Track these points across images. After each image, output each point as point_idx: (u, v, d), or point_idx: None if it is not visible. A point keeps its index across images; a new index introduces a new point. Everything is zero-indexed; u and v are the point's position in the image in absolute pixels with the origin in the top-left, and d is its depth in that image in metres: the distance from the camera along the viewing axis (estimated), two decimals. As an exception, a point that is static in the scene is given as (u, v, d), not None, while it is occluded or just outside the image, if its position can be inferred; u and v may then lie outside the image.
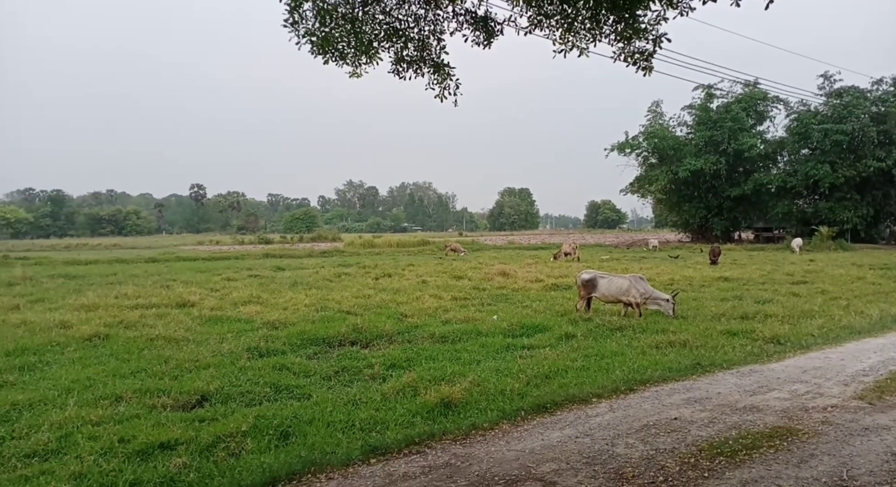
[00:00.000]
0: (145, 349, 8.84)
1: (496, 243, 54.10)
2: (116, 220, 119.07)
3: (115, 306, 13.02)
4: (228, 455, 4.87)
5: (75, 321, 10.81)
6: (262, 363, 7.94)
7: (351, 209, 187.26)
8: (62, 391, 6.66)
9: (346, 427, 5.57)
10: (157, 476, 4.45)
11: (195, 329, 10.46)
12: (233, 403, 6.35)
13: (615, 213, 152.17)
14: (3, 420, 5.70)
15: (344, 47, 5.89)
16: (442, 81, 6.30)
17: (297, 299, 13.96)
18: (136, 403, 6.21)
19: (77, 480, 4.34)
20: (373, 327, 10.16)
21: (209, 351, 8.59)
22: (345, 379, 7.40)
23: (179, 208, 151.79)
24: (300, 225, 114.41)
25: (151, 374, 7.42)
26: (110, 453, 4.87)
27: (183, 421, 5.64)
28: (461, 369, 7.64)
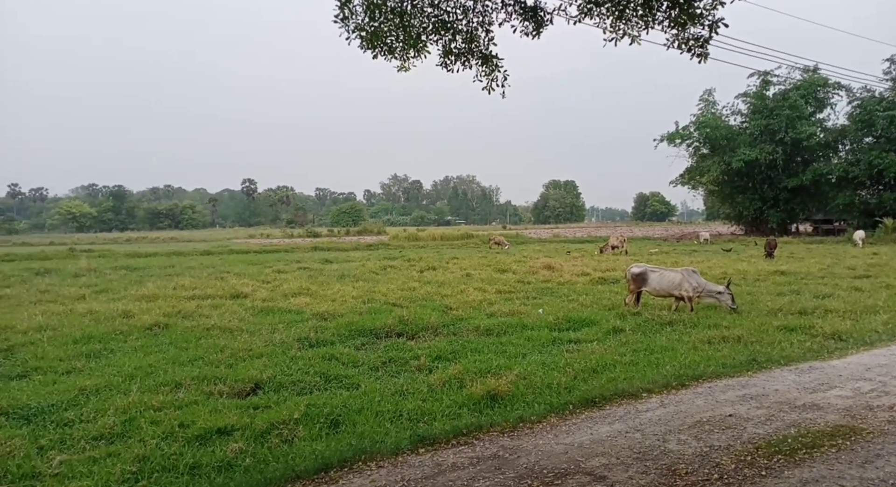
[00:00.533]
0: (202, 338, 9.18)
1: (541, 236, 53.62)
2: (173, 214, 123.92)
3: (173, 296, 13.56)
4: (282, 442, 5.03)
5: (137, 311, 11.31)
6: (313, 353, 8.14)
7: (395, 203, 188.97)
8: (126, 377, 7.00)
9: (394, 417, 5.66)
10: (214, 460, 4.64)
11: (248, 320, 10.80)
12: (285, 391, 6.53)
13: (664, 205, 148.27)
14: (73, 405, 6.03)
15: (392, 41, 5.92)
16: (490, 73, 6.25)
17: (344, 292, 14.22)
18: (194, 390, 6.46)
19: (141, 462, 4.56)
20: (418, 319, 10.25)
21: (262, 341, 8.86)
22: (392, 370, 7.51)
23: (232, 203, 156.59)
24: (346, 219, 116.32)
25: (208, 362, 7.71)
26: (171, 437, 5.10)
27: (238, 408, 5.84)
28: (507, 362, 7.64)
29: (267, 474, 4.38)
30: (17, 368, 7.47)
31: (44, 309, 11.74)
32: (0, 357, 8.04)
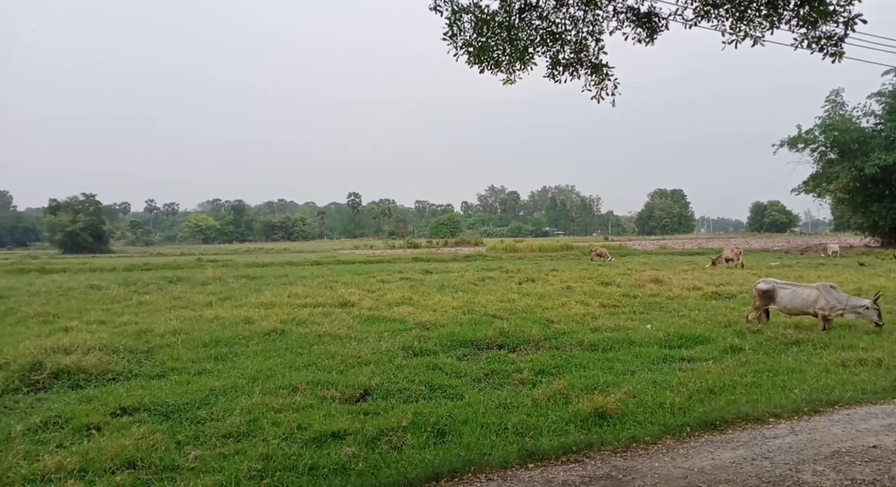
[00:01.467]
0: (315, 344, 9.67)
1: (646, 247, 51.39)
2: (286, 226, 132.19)
3: (288, 304, 14.42)
4: (391, 448, 5.18)
5: (257, 318, 12.15)
6: (417, 362, 8.32)
7: (492, 214, 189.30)
8: (249, 379, 7.52)
9: (499, 430, 5.64)
10: (330, 462, 4.86)
11: (356, 327, 11.24)
12: (392, 398, 6.72)
13: (784, 215, 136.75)
14: (204, 404, 6.57)
15: (499, 55, 5.99)
16: (600, 82, 6.13)
17: (444, 302, 14.43)
18: (309, 394, 6.82)
19: (265, 461, 4.88)
20: (519, 331, 10.17)
21: (369, 349, 9.19)
22: (495, 382, 7.49)
23: (338, 215, 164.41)
24: (444, 230, 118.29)
25: (321, 368, 8.11)
26: (290, 438, 5.41)
27: (350, 413, 6.09)
28: (614, 379, 7.37)
29: (381, 479, 4.53)
30: (156, 368, 8.25)
31: (177, 314, 12.90)
32: (142, 358, 8.90)
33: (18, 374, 7.43)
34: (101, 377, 7.64)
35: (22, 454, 4.91)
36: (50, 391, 7.16)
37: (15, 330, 11.16)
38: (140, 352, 9.13)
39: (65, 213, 77.23)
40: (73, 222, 75.42)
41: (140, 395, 6.65)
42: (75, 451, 4.97)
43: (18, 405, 6.55)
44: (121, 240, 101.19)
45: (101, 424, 5.75)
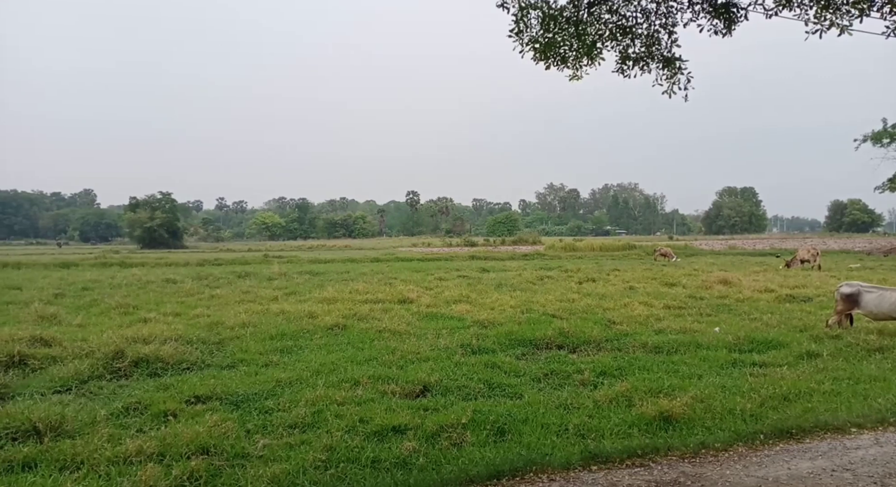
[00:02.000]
0: (375, 339, 9.85)
1: (713, 247, 49.39)
2: (347, 224, 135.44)
3: (349, 300, 14.74)
4: (451, 445, 5.20)
5: (320, 312, 12.48)
6: (475, 360, 8.33)
7: (551, 213, 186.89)
8: (313, 372, 7.74)
9: (560, 431, 5.57)
10: (391, 456, 4.94)
11: (414, 324, 11.36)
12: (451, 395, 6.76)
13: (866, 214, 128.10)
14: (271, 394, 6.81)
15: (566, 51, 5.88)
16: (672, 76, 5.90)
17: (502, 301, 14.35)
18: (370, 388, 6.95)
19: (329, 452, 5.01)
20: (579, 332, 10.00)
21: (428, 345, 9.26)
22: (554, 382, 7.40)
23: (397, 213, 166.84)
24: (502, 228, 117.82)
25: (381, 363, 8.25)
26: (353, 431, 5.53)
27: (410, 408, 6.16)
28: (680, 382, 7.13)
29: (442, 475, 4.57)
30: (226, 359, 8.62)
31: (246, 308, 13.42)
32: (214, 349, 9.31)
33: (102, 362, 7.92)
34: (177, 366, 8.05)
35: (106, 437, 5.23)
36: (130, 378, 7.59)
37: (99, 320, 11.92)
38: (212, 343, 9.55)
39: (143, 210, 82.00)
40: (150, 219, 79.98)
41: (212, 384, 6.97)
42: (154, 436, 5.25)
43: (102, 391, 6.99)
44: (193, 236, 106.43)
45: (177, 411, 6.06)
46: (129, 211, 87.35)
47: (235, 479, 4.50)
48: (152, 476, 4.32)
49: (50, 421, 5.44)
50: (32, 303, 13.54)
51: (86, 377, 7.40)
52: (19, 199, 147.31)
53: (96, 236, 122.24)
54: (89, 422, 5.68)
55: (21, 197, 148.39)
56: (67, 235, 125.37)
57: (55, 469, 4.64)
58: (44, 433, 5.29)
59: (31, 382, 7.24)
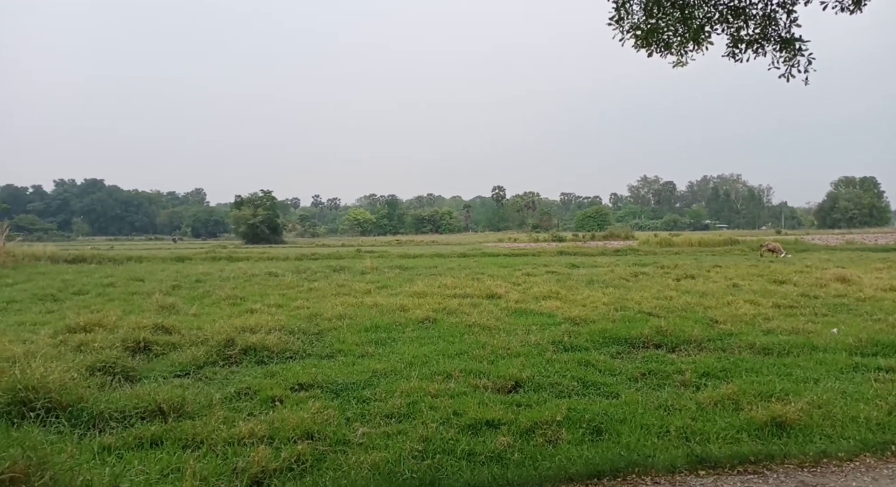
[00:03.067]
0: (465, 334, 9.93)
1: (828, 242, 45.41)
2: (434, 219, 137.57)
3: (438, 294, 14.95)
4: (546, 442, 5.15)
5: (411, 306, 12.75)
6: (568, 357, 8.18)
7: (644, 206, 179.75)
8: (406, 364, 7.93)
9: (661, 433, 5.35)
10: (486, 450, 4.97)
11: (503, 319, 11.34)
12: (543, 392, 6.68)
13: None
14: (368, 384, 7.05)
15: (670, 37, 5.61)
16: (790, 58, 5.47)
17: (594, 297, 13.99)
18: (462, 382, 7.02)
19: (425, 443, 5.12)
20: (678, 330, 9.55)
21: (518, 341, 9.21)
22: (652, 383, 7.12)
23: (483, 208, 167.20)
24: (591, 223, 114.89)
25: (472, 357, 8.31)
26: (447, 423, 5.61)
27: (502, 403, 6.16)
28: (793, 386, 6.64)
29: (540, 471, 4.54)
30: (325, 349, 9.02)
31: (341, 301, 13.97)
32: (313, 339, 9.77)
33: (216, 349, 8.53)
34: (281, 354, 8.52)
35: (221, 419, 5.64)
36: (240, 365, 8.13)
37: (211, 310, 12.86)
38: (312, 334, 10.02)
39: (247, 208, 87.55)
40: (253, 216, 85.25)
41: (314, 373, 7.32)
42: (263, 420, 5.60)
43: (216, 377, 7.53)
44: (291, 232, 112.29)
45: (283, 397, 6.42)
46: (234, 208, 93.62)
47: (338, 464, 4.71)
48: (264, 457, 4.61)
49: (173, 403, 5.93)
50: (154, 294, 14.84)
51: (201, 363, 8.00)
52: (140, 198, 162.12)
53: (206, 231, 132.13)
54: (206, 405, 6.14)
55: (141, 196, 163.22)
56: (181, 231, 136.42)
57: (178, 446, 5.07)
58: (168, 413, 5.78)
59: (155, 366, 7.94)
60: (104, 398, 6.12)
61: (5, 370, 6.40)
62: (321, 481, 4.37)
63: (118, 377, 7.23)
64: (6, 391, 5.72)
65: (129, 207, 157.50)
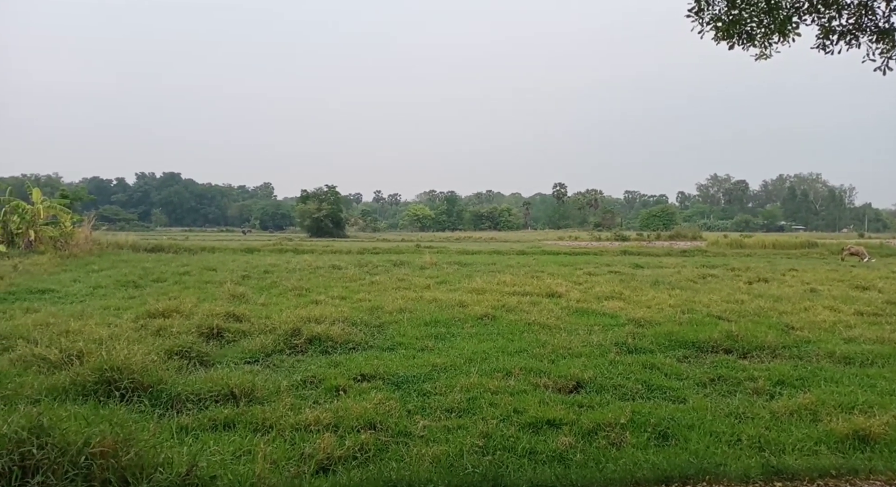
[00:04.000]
0: (525, 332, 9.86)
1: (918, 246, 42.14)
2: (493, 216, 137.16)
3: (497, 291, 14.91)
4: (609, 444, 5.04)
5: (469, 302, 12.77)
6: (632, 359, 7.99)
7: (714, 206, 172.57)
8: (465, 360, 7.95)
9: (732, 441, 5.14)
10: (547, 449, 4.92)
11: (564, 318, 11.18)
12: (606, 394, 6.55)
13: None
14: (428, 378, 7.12)
15: (753, 28, 5.34)
16: (889, 50, 5.07)
17: (660, 299, 13.58)
18: (522, 379, 6.98)
19: (485, 438, 5.12)
20: (750, 336, 9.12)
21: (579, 341, 9.06)
22: (722, 389, 6.84)
23: (543, 206, 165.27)
24: (656, 222, 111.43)
25: (532, 355, 8.24)
26: (507, 420, 5.59)
27: (563, 403, 6.08)
28: (878, 399, 6.23)
29: (605, 474, 4.45)
30: (387, 341, 9.17)
31: (402, 295, 14.15)
32: (375, 332, 9.95)
33: (283, 338, 8.84)
34: (344, 345, 8.74)
35: (289, 405, 5.85)
36: (305, 354, 8.38)
37: (278, 300, 13.34)
38: (373, 326, 10.22)
39: (312, 202, 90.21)
40: (318, 210, 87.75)
41: (376, 365, 7.46)
42: (328, 408, 5.75)
43: (283, 364, 7.81)
44: (353, 226, 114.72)
45: (347, 387, 6.58)
46: (300, 202, 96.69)
47: (400, 455, 4.79)
48: (329, 444, 4.74)
49: (244, 388, 6.20)
50: (225, 283, 15.54)
51: (269, 351, 8.32)
52: (213, 191, 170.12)
53: (273, 224, 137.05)
54: (274, 391, 6.37)
55: (214, 190, 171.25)
56: (250, 223, 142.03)
57: (249, 430, 5.29)
58: (239, 398, 6.05)
59: (227, 352, 8.32)
60: (181, 380, 6.47)
61: (93, 351, 6.88)
62: (385, 470, 4.45)
63: (194, 361, 7.63)
64: (94, 370, 6.15)
65: (203, 199, 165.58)
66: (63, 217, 27.91)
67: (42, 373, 6.44)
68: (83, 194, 40.00)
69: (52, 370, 6.53)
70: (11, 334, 8.34)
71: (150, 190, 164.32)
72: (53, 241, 26.77)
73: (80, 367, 6.33)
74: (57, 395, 5.70)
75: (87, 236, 28.35)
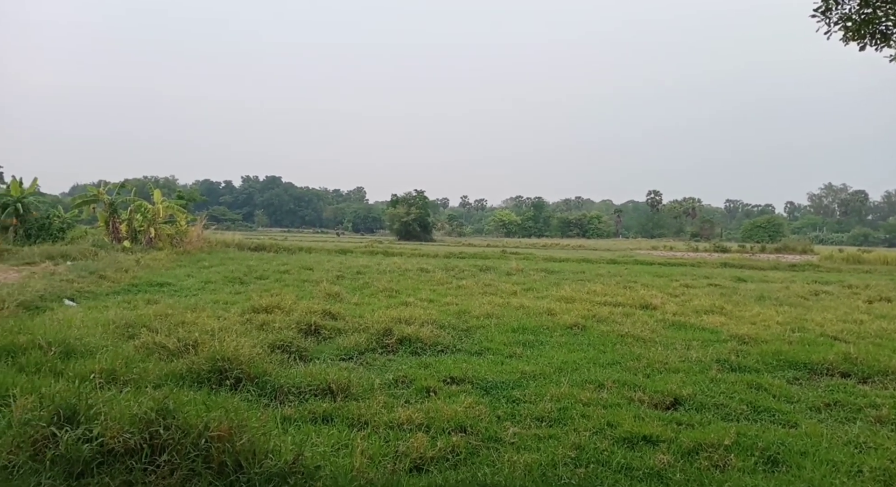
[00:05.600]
0: (617, 344, 9.56)
1: None
2: (581, 223, 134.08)
3: (587, 300, 14.56)
4: (712, 466, 4.78)
5: (558, 310, 12.57)
6: (735, 378, 7.54)
7: (827, 218, 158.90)
8: (555, 369, 7.84)
9: (852, 472, 4.71)
10: (644, 465, 4.74)
11: (659, 332, 10.74)
12: (707, 413, 6.22)
13: None
14: (517, 385, 7.08)
15: (888, 27, 4.90)
16: None
17: (766, 315, 12.71)
18: (615, 392, 6.77)
19: (577, 450, 5.02)
20: (872, 359, 8.34)
21: (676, 356, 8.67)
22: (839, 415, 6.30)
23: (635, 214, 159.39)
24: (761, 233, 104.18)
25: (625, 368, 7.98)
26: (600, 433, 5.45)
27: (660, 420, 5.84)
28: None
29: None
30: (474, 346, 9.21)
31: (488, 300, 14.16)
32: (462, 335, 10.02)
33: (375, 337, 9.12)
34: (433, 347, 8.88)
35: (382, 403, 6.03)
36: (396, 353, 8.60)
37: (370, 301, 13.78)
38: (460, 330, 10.30)
39: (401, 206, 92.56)
40: (406, 214, 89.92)
41: (464, 368, 7.52)
42: (419, 408, 5.87)
43: (375, 363, 8.06)
44: (440, 230, 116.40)
45: (436, 388, 6.68)
46: (390, 207, 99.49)
47: (491, 460, 4.79)
48: (421, 444, 4.84)
49: (340, 384, 6.45)
50: (321, 282, 16.24)
51: (362, 349, 8.62)
52: (310, 195, 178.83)
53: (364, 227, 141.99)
54: (368, 388, 6.59)
55: (311, 193, 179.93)
56: (343, 226, 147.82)
57: (346, 424, 5.50)
58: (336, 393, 6.31)
59: (323, 349, 8.71)
60: (283, 373, 6.85)
61: (206, 341, 7.44)
62: (478, 474, 4.47)
63: (294, 355, 8.05)
64: (207, 359, 6.65)
65: (301, 202, 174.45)
66: (179, 216, 30.37)
67: (162, 360, 7.05)
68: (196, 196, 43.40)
69: (171, 358, 7.12)
70: (136, 322, 9.16)
71: (253, 192, 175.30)
72: (170, 238, 29.19)
73: (195, 356, 6.87)
74: (175, 381, 6.21)
75: (199, 234, 30.68)
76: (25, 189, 27.19)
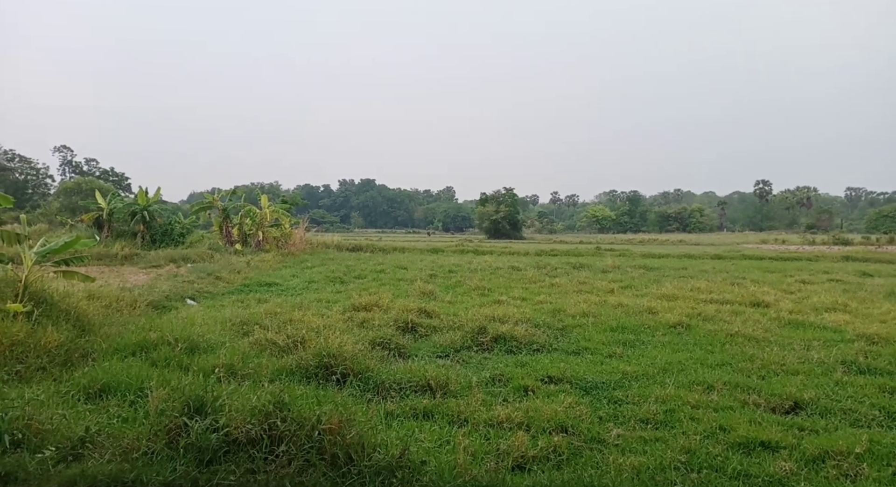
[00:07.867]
0: (726, 343, 9.02)
1: None
2: (681, 217, 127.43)
3: (690, 298, 13.84)
4: (841, 475, 4.40)
5: (660, 309, 12.05)
6: (864, 381, 6.90)
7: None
8: (659, 369, 7.52)
9: None
10: (763, 473, 4.44)
11: (773, 331, 10.03)
12: (833, 418, 5.74)
13: None
14: (619, 386, 6.87)
15: None
16: None
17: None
18: (727, 395, 6.40)
19: (687, 454, 4.79)
20: None
21: (795, 357, 8.05)
22: None
23: (741, 206, 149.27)
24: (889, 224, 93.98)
25: (737, 369, 7.51)
26: (712, 438, 5.17)
27: (779, 425, 5.45)
28: None
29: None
30: (571, 345, 9.03)
31: (584, 298, 13.82)
32: (558, 335, 9.85)
33: (470, 335, 9.19)
34: (528, 346, 8.81)
35: (480, 401, 6.06)
36: (491, 352, 8.62)
37: (463, 299, 13.90)
38: (556, 329, 10.13)
39: (490, 204, 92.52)
40: (496, 212, 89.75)
41: (562, 368, 7.40)
42: (518, 407, 5.85)
43: (472, 360, 8.12)
44: (530, 228, 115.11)
45: (534, 388, 6.63)
46: (479, 205, 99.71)
47: (595, 462, 4.69)
48: (522, 443, 4.82)
49: (439, 381, 6.57)
50: (415, 281, 16.60)
51: (458, 347, 8.72)
52: (401, 196, 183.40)
53: (454, 226, 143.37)
54: (466, 386, 6.66)
55: (402, 194, 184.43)
56: (434, 225, 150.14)
57: (446, 422, 5.59)
58: (435, 389, 6.43)
59: (421, 346, 8.90)
60: (384, 369, 7.08)
61: (312, 338, 7.84)
62: (583, 476, 4.38)
63: (393, 352, 8.30)
64: (314, 355, 7.01)
65: (394, 203, 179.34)
66: (284, 220, 32.20)
67: (273, 355, 7.51)
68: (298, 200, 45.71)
69: (281, 354, 7.57)
70: (249, 320, 9.82)
71: (349, 195, 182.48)
72: (276, 241, 31.03)
73: (303, 352, 7.27)
74: (287, 375, 6.60)
75: (301, 236, 32.39)
76: (150, 198, 29.90)
